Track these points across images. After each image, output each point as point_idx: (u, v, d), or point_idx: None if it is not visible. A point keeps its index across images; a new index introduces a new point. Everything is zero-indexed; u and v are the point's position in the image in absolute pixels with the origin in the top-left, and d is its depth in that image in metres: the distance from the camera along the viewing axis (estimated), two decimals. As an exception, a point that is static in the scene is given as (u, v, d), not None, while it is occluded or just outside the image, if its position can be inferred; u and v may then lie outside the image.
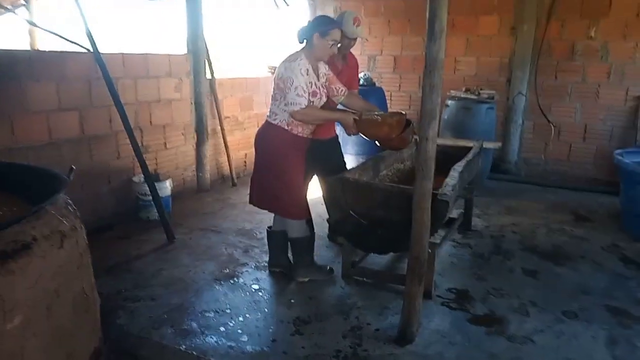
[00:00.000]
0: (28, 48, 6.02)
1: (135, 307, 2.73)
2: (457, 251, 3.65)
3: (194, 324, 2.59)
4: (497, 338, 2.52)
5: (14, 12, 6.19)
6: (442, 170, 3.07)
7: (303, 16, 6.78)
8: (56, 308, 1.86)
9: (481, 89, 5.41)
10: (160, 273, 3.18)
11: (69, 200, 2.16)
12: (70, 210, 2.10)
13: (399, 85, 6.49)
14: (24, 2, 6.62)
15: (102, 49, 3.45)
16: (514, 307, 2.82)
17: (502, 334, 2.55)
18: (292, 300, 2.88)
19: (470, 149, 3.90)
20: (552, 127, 5.72)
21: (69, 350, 1.96)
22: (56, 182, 2.15)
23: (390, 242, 2.78)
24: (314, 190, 3.43)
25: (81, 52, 3.51)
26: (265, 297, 2.92)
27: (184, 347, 2.39)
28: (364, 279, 3.11)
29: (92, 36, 3.38)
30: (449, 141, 4.59)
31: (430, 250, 2.61)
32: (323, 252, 3.58)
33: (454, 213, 3.71)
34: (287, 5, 6.17)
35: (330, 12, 6.65)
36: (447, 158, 3.51)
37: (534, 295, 2.97)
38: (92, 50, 3.39)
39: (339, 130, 3.42)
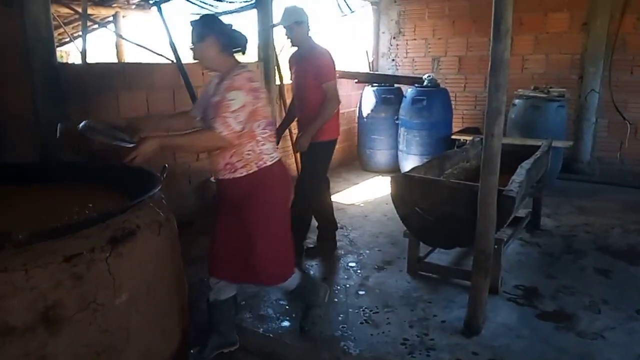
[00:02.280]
0: (115, 61, 6.60)
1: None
2: (525, 250, 3.63)
3: (270, 311, 2.80)
4: (566, 333, 2.52)
5: (105, 27, 6.79)
6: (510, 169, 3.10)
7: (367, 21, 6.93)
8: (154, 289, 2.11)
9: (550, 87, 5.29)
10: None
11: (162, 195, 2.43)
12: (164, 204, 2.38)
13: (464, 86, 6.46)
14: (112, 19, 7.27)
15: (184, 59, 3.77)
16: (584, 305, 2.80)
17: (571, 330, 2.55)
18: (361, 292, 3.02)
19: (538, 147, 3.86)
20: (628, 125, 5.48)
21: (164, 327, 2.21)
22: (152, 179, 2.43)
23: (456, 238, 2.86)
24: (378, 190, 3.54)
25: (167, 63, 3.86)
26: (334, 287, 3.08)
27: (261, 329, 2.60)
28: (430, 274, 3.19)
29: (175, 48, 3.72)
30: (517, 140, 4.55)
31: (496, 246, 2.66)
32: (389, 248, 3.69)
33: (522, 212, 3.70)
34: (352, 11, 6.34)
35: (394, 17, 6.75)
36: (515, 157, 3.51)
37: (606, 293, 2.92)
38: (175, 61, 3.73)
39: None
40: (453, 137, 5.54)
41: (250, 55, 5.08)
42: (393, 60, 6.91)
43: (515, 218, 3.39)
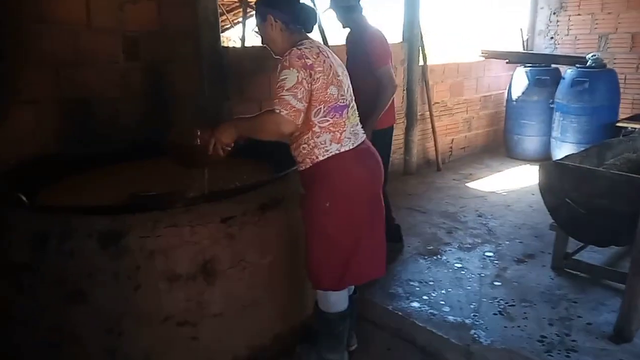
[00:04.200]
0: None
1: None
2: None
3: (400, 290, 2.83)
4: None
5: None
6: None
7: (522, -3, 6.40)
8: (293, 254, 2.29)
9: None
10: (370, 243, 3.52)
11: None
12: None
13: (637, 67, 5.65)
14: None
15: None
16: None
17: None
18: (496, 283, 2.90)
19: None
20: None
21: (302, 291, 2.39)
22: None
23: (612, 234, 2.57)
24: (524, 179, 3.30)
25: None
26: (468, 275, 3.00)
27: (390, 307, 2.65)
28: (578, 272, 2.92)
29: (322, 29, 3.88)
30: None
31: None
32: (531, 241, 3.46)
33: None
34: (506, -14, 5.91)
35: (555, -11, 6.14)
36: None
37: None
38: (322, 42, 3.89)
39: None
40: (619, 124, 4.91)
41: (394, 35, 5.07)
42: (552, 38, 6.30)
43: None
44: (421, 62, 5.12)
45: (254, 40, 7.05)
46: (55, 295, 1.86)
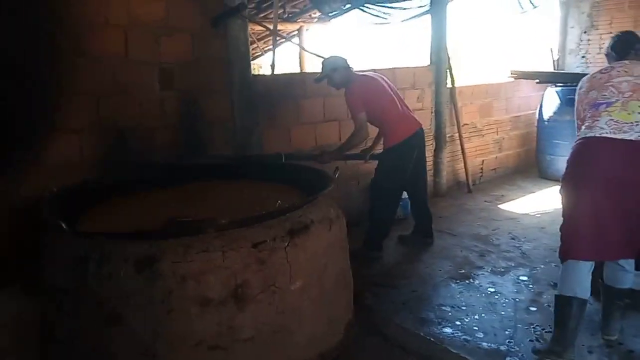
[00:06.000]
0: (299, 71, 7.22)
1: (379, 292, 3.09)
2: None
3: (431, 315, 2.79)
4: None
5: (290, 40, 7.50)
6: None
7: (552, 16, 6.37)
8: (324, 279, 2.30)
9: None
10: (400, 266, 3.50)
11: (335, 193, 2.62)
12: (334, 202, 2.56)
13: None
14: (296, 32, 8.00)
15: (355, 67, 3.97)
16: None
17: None
18: (532, 308, 2.82)
19: None
20: None
21: (331, 317, 2.38)
22: (325, 179, 2.65)
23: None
24: (558, 201, 3.23)
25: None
26: (501, 300, 2.93)
27: (422, 333, 2.61)
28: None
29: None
30: None
31: None
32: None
33: None
34: (534, 6, 5.90)
35: (586, 9, 6.09)
36: None
37: None
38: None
39: None
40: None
41: (419, 60, 5.11)
42: (583, 57, 6.23)
43: None
44: (449, 85, 5.13)
45: (284, 66, 7.24)
46: (93, 317, 1.92)
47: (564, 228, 2.34)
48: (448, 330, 2.63)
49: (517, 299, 2.94)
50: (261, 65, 8.77)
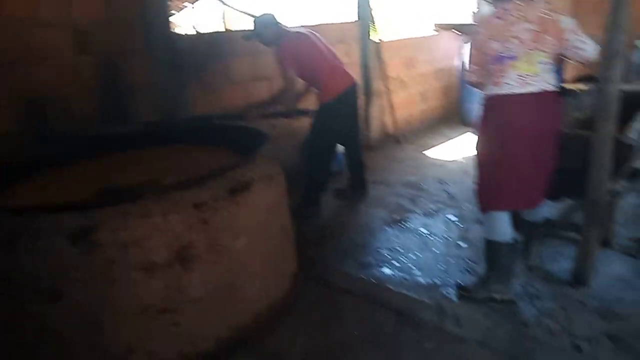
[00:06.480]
0: (223, 29, 6.95)
1: (320, 244, 3.19)
2: (646, 203, 3.37)
3: (371, 259, 2.94)
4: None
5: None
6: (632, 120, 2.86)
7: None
8: (269, 235, 2.34)
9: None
10: (339, 218, 3.62)
11: (272, 151, 2.63)
12: (273, 159, 2.58)
13: (578, 29, 5.90)
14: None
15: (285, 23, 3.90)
16: None
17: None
18: (461, 243, 3.05)
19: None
20: None
21: (277, 270, 2.45)
22: (259, 137, 2.64)
23: (564, 188, 2.74)
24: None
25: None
26: (433, 239, 3.14)
27: (364, 276, 2.75)
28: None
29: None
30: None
31: (610, 197, 2.52)
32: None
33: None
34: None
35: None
36: (637, 106, 3.21)
37: None
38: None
39: None
40: (563, 86, 5.13)
41: (345, 16, 5.10)
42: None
43: (637, 170, 3.14)
44: (377, 40, 5.19)
45: (205, 25, 6.94)
46: (31, 297, 1.85)
47: (481, 182, 2.44)
48: (388, 271, 2.79)
49: (447, 237, 3.15)
50: (179, 25, 8.33)
